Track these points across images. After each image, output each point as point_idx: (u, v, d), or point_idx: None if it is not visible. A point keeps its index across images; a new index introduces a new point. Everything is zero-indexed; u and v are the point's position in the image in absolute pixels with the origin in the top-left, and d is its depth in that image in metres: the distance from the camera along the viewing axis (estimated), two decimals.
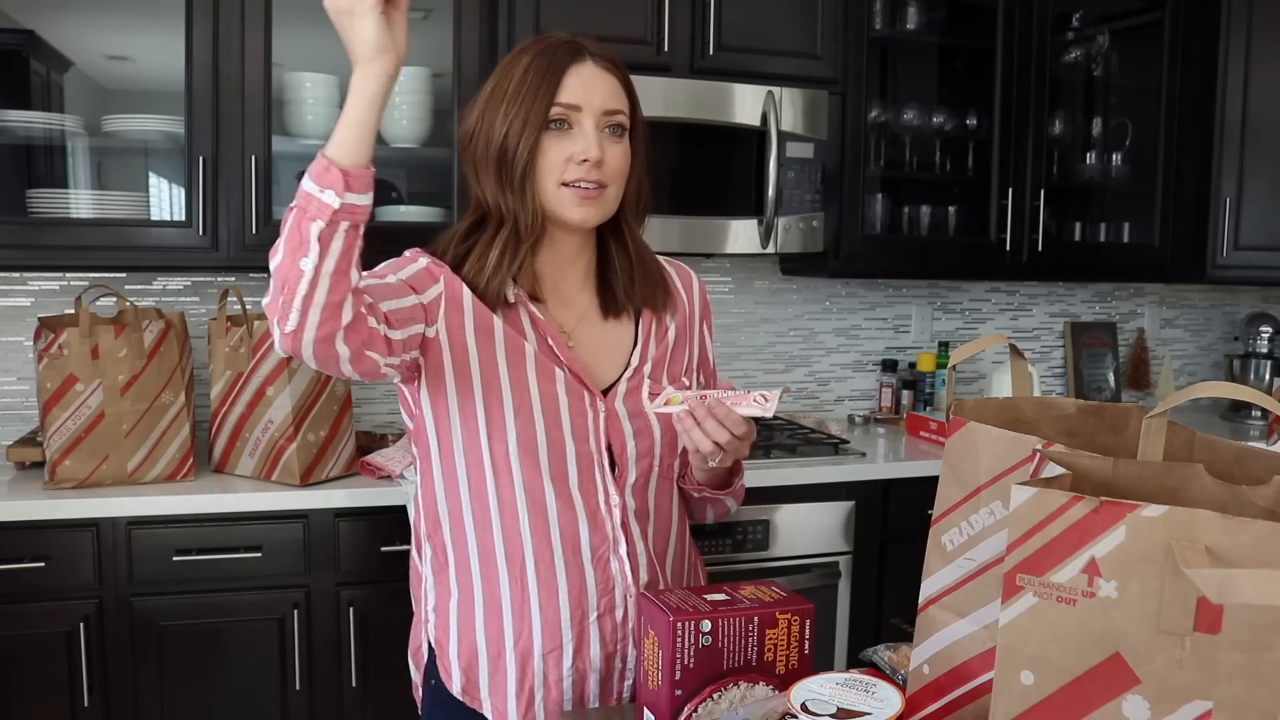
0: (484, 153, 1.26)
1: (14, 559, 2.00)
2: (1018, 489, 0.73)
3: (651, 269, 1.37)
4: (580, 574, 1.28)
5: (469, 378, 1.24)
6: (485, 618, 1.28)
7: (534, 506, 1.26)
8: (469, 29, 2.39)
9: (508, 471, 1.25)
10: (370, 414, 2.75)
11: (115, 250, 2.25)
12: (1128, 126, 3.15)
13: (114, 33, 2.46)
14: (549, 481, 1.26)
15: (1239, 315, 3.61)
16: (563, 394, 1.26)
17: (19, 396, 2.52)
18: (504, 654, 1.29)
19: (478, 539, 1.27)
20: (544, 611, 1.27)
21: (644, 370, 1.34)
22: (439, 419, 1.27)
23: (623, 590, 1.29)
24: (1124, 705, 0.70)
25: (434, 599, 1.34)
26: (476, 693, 1.30)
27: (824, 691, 0.93)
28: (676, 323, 1.39)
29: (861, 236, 2.77)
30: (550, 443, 1.25)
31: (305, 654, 2.15)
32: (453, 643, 1.31)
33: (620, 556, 1.29)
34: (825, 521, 2.47)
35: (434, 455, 1.29)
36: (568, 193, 1.24)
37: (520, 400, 1.24)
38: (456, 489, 1.27)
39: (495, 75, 1.28)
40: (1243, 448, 0.87)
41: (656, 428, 1.31)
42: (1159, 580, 0.68)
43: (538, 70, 1.24)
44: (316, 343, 1.07)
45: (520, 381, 1.25)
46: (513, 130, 1.23)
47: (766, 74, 2.58)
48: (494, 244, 1.26)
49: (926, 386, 3.11)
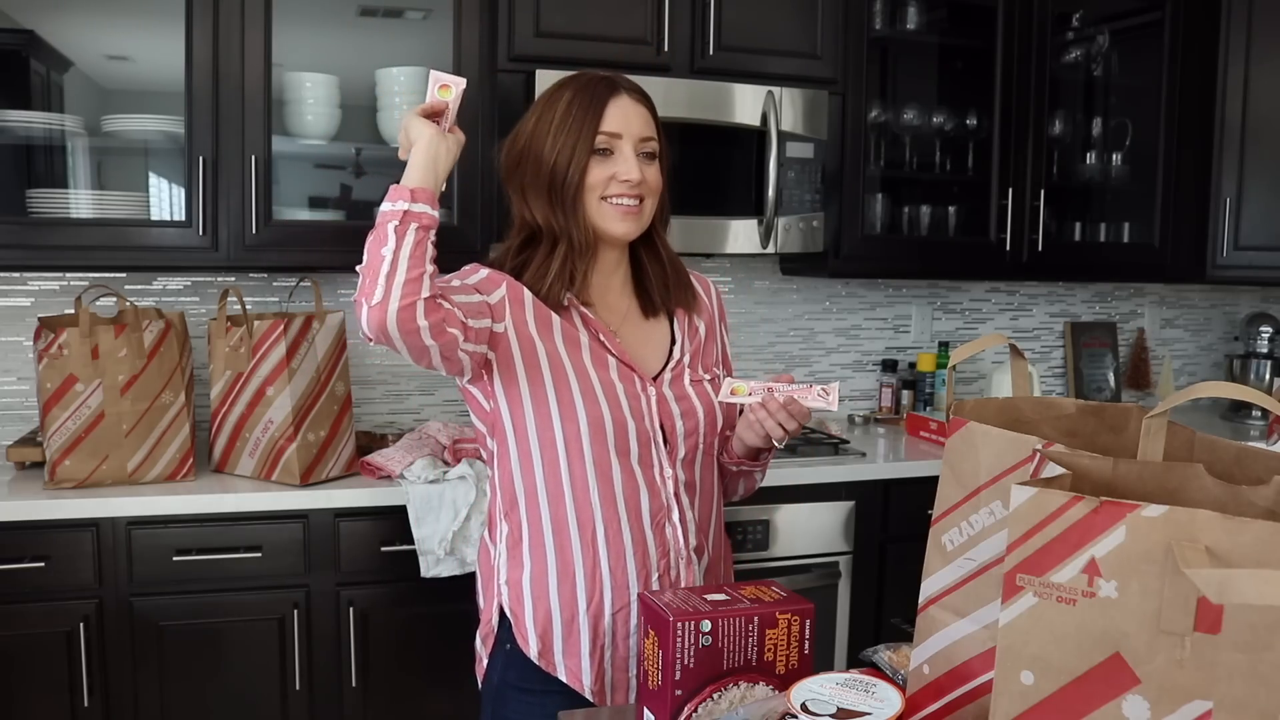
0: (533, 177, 1.42)
1: (14, 559, 2.00)
2: (1018, 489, 0.73)
3: (681, 273, 1.55)
4: (643, 537, 1.43)
5: (538, 366, 1.40)
6: (559, 585, 1.42)
7: (602, 478, 1.41)
8: (469, 29, 2.39)
9: (579, 448, 1.40)
10: (370, 414, 2.75)
11: (115, 250, 2.25)
12: (1128, 126, 3.15)
13: (114, 33, 2.46)
14: (615, 455, 1.41)
15: (1239, 315, 3.61)
16: (616, 379, 1.43)
17: (19, 396, 2.52)
18: (577, 617, 1.42)
19: (551, 512, 1.42)
20: (613, 573, 1.42)
21: (684, 361, 1.51)
22: (513, 406, 1.41)
23: (676, 552, 1.45)
24: (1124, 705, 0.70)
25: (507, 572, 1.46)
26: (551, 656, 1.43)
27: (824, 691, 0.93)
28: (705, 322, 1.57)
29: (861, 236, 2.77)
30: (615, 421, 1.40)
31: (305, 654, 2.15)
32: (528, 611, 1.43)
33: (674, 522, 1.45)
34: (825, 521, 2.47)
35: (510, 440, 1.43)
36: (610, 208, 1.41)
37: (585, 384, 1.40)
38: (531, 468, 1.42)
39: (537, 109, 1.44)
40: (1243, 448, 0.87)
41: (700, 409, 1.48)
42: (1159, 580, 0.68)
43: (581, 104, 1.40)
44: (400, 312, 1.23)
45: (581, 368, 1.41)
46: (561, 157, 1.40)
47: (766, 74, 2.58)
48: (553, 257, 1.41)
49: (926, 386, 3.11)
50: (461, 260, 1.53)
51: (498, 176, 1.52)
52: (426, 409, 2.80)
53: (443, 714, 2.26)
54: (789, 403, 1.37)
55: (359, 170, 2.63)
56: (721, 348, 1.62)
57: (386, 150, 2.52)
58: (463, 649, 2.26)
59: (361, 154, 2.59)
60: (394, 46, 2.63)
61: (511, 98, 2.37)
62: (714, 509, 1.54)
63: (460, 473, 2.16)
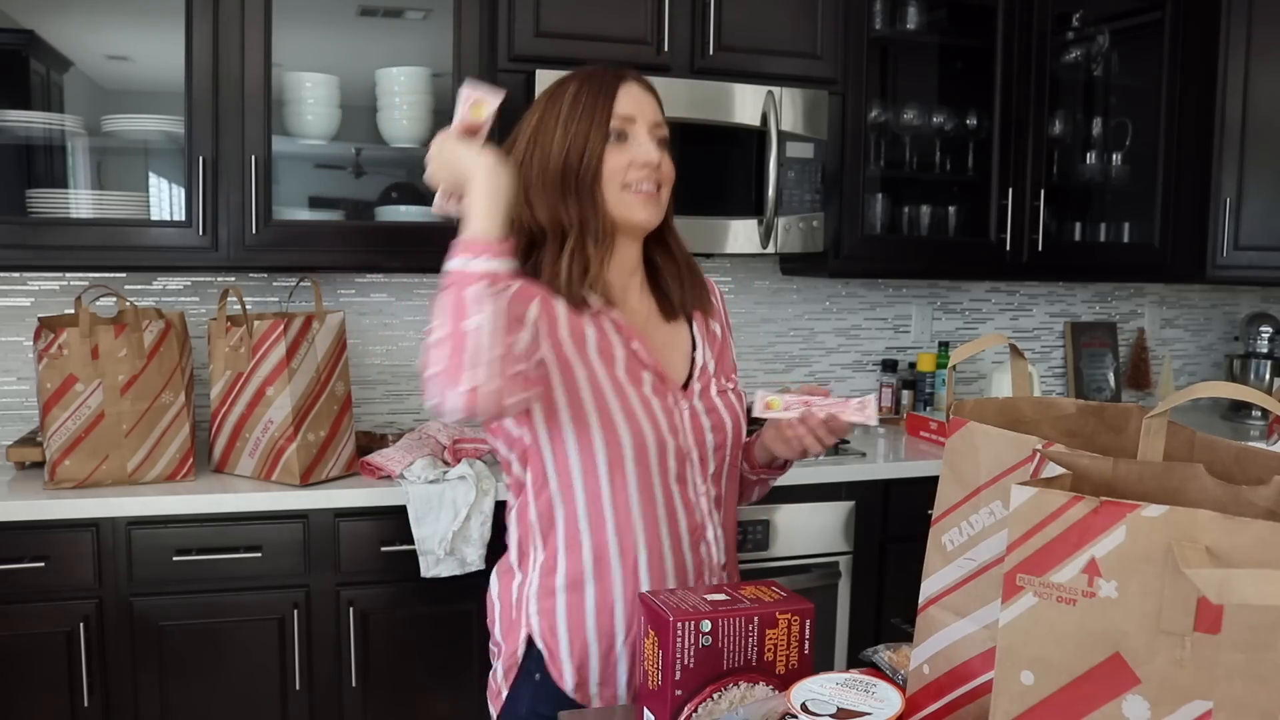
0: (540, 173, 1.34)
1: (14, 559, 2.00)
2: (1018, 489, 0.73)
3: (696, 272, 1.48)
4: (683, 558, 1.38)
5: (577, 389, 1.32)
6: (597, 616, 1.35)
7: (645, 500, 1.35)
8: (469, 29, 2.39)
9: (622, 471, 1.33)
10: (370, 414, 2.75)
11: (115, 250, 2.25)
12: (1128, 126, 3.15)
13: (114, 33, 2.46)
14: (656, 475, 1.35)
15: (1239, 315, 3.61)
16: (651, 394, 1.36)
17: (19, 396, 2.52)
18: (615, 648, 1.36)
19: (593, 539, 1.35)
20: None
21: (710, 369, 1.45)
22: (553, 432, 1.33)
23: (710, 570, 1.42)
24: (1124, 705, 0.70)
25: (538, 601, 1.37)
26: (588, 690, 1.36)
27: (824, 691, 0.93)
28: (719, 324, 1.51)
29: (861, 236, 2.77)
30: (656, 440, 1.34)
31: (305, 654, 2.15)
32: (563, 645, 1.36)
33: (708, 540, 1.41)
34: (825, 521, 2.47)
35: (549, 467, 1.34)
36: (630, 197, 1.34)
37: (624, 403, 1.33)
38: (571, 495, 1.34)
39: (540, 105, 1.38)
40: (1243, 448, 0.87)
41: (729, 422, 1.43)
42: (1159, 580, 0.68)
43: (591, 91, 1.35)
44: (488, 396, 1.12)
45: (618, 385, 1.34)
46: (574, 146, 1.33)
47: (766, 74, 2.58)
48: (563, 254, 1.34)
49: (926, 386, 3.11)
50: None
51: None
52: (426, 409, 2.80)
53: (443, 714, 2.26)
54: (830, 419, 1.32)
55: (359, 170, 2.63)
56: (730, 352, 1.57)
57: (386, 150, 2.52)
58: (463, 649, 2.27)
59: (361, 154, 2.59)
60: (394, 46, 2.63)
61: (511, 98, 2.37)
62: (733, 520, 1.50)
63: (460, 473, 2.16)
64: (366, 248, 2.40)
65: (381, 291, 2.75)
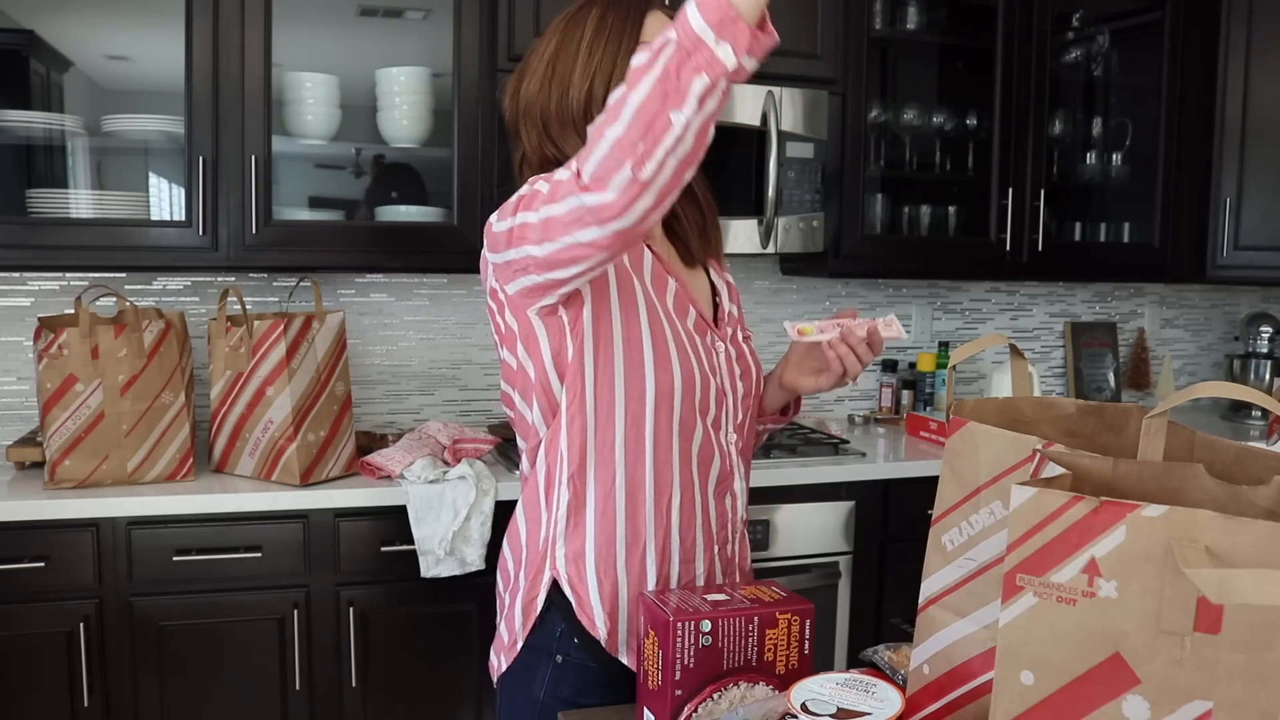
0: (561, 105, 1.26)
1: (14, 559, 2.00)
2: (1018, 489, 0.73)
3: (717, 220, 1.41)
4: (708, 506, 1.33)
5: (635, 306, 1.25)
6: (628, 556, 1.28)
7: (685, 438, 1.29)
8: (469, 29, 2.39)
9: (669, 403, 1.26)
10: (370, 414, 2.75)
11: (115, 250, 2.25)
12: (1128, 126, 3.15)
13: (114, 33, 2.46)
14: (699, 416, 1.30)
15: (1239, 315, 3.61)
16: (694, 331, 1.31)
17: (19, 396, 2.52)
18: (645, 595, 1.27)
19: (627, 474, 1.27)
20: (683, 543, 1.31)
21: (733, 314, 1.41)
22: (600, 346, 1.24)
23: (733, 525, 1.37)
24: (1124, 705, 0.70)
25: (565, 543, 1.28)
26: (617, 639, 1.28)
27: (824, 691, 0.93)
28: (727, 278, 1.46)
29: (861, 236, 2.77)
30: (702, 379, 1.29)
31: (305, 654, 2.15)
32: (592, 587, 1.27)
33: (734, 492, 1.37)
34: (825, 521, 2.47)
35: (589, 389, 1.25)
36: None
37: (676, 334, 1.27)
38: (611, 422, 1.26)
39: (558, 32, 1.28)
40: (1243, 448, 0.87)
41: (754, 369, 1.39)
42: (1159, 580, 0.68)
43: (617, 15, 1.25)
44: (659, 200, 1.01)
45: (670, 315, 1.28)
46: (599, 74, 1.23)
47: (766, 74, 2.56)
48: None
49: (926, 386, 3.11)
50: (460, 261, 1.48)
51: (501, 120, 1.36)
52: (426, 409, 2.80)
53: (442, 714, 2.26)
54: (871, 334, 1.29)
55: (359, 170, 2.63)
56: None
57: (386, 150, 2.52)
58: (463, 649, 2.27)
59: (361, 154, 2.59)
60: (394, 46, 2.63)
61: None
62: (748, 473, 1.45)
63: (460, 473, 2.16)
64: (366, 248, 2.40)
65: (381, 291, 2.75)
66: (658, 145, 0.96)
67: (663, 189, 1.00)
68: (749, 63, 0.95)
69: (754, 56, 0.95)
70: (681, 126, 0.96)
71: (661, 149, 0.97)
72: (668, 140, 0.96)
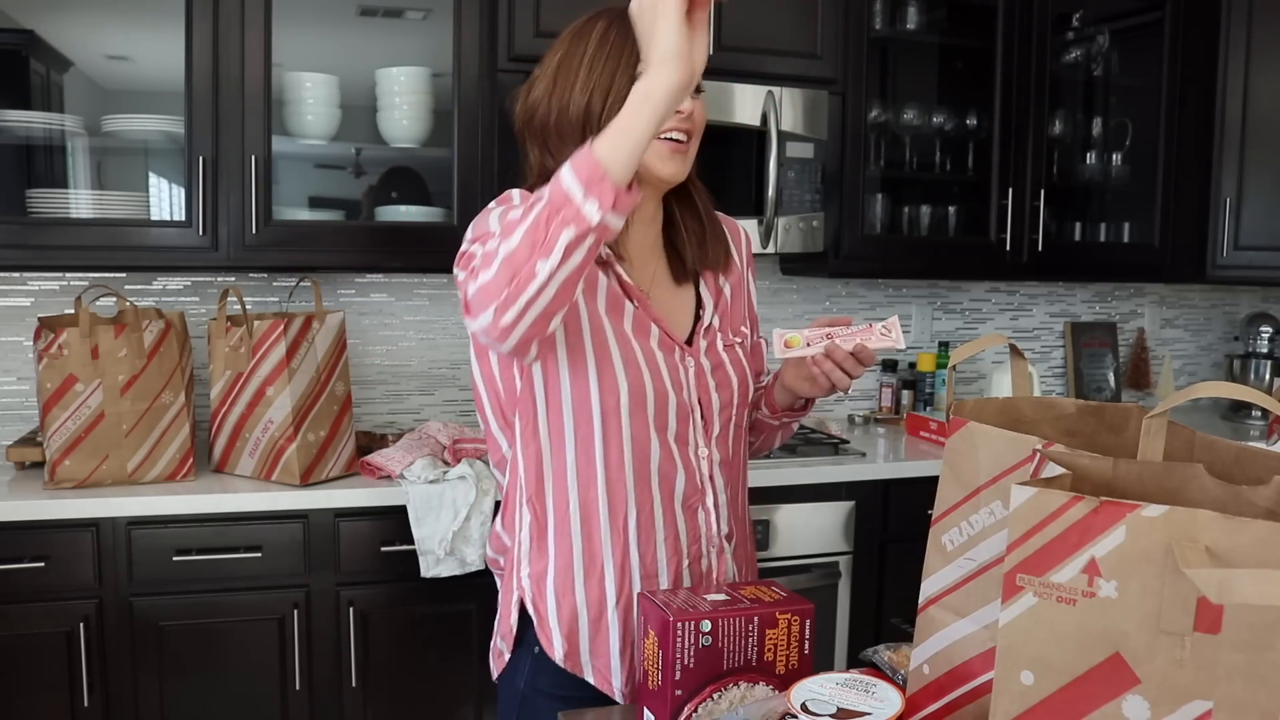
0: (560, 119, 1.26)
1: (14, 559, 2.00)
2: (1018, 489, 0.73)
3: (718, 229, 1.41)
4: (675, 522, 1.32)
5: (580, 330, 1.26)
6: (585, 578, 1.30)
7: (639, 456, 1.29)
8: (469, 29, 2.39)
9: (617, 422, 1.28)
10: (370, 414, 2.75)
11: (115, 250, 2.25)
12: (1128, 126, 3.15)
13: (114, 33, 2.46)
14: (654, 431, 1.30)
15: (1239, 315, 3.61)
16: (657, 349, 1.31)
17: (19, 396, 2.52)
18: (605, 614, 1.31)
19: (580, 495, 1.30)
20: (643, 560, 1.31)
21: (715, 325, 1.39)
22: (548, 375, 1.28)
23: (708, 539, 1.35)
24: (1124, 705, 0.70)
25: (529, 565, 1.33)
26: (578, 657, 1.32)
27: (824, 691, 0.93)
28: (731, 281, 1.44)
29: (861, 236, 2.77)
30: (656, 392, 1.29)
31: (305, 654, 2.15)
32: (551, 609, 1.31)
33: (707, 507, 1.35)
34: (825, 521, 2.47)
35: (540, 414, 1.29)
36: (657, 145, 1.25)
37: (626, 352, 1.28)
38: (562, 446, 1.30)
39: (564, 44, 1.29)
40: (1243, 448, 0.87)
41: (734, 379, 1.37)
42: (1159, 580, 0.68)
43: (620, 30, 1.24)
44: (522, 339, 1.09)
45: (623, 335, 1.28)
46: (598, 89, 1.24)
47: (766, 74, 2.58)
48: None
49: (926, 386, 3.11)
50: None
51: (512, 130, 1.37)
52: (426, 409, 2.80)
53: (442, 714, 2.26)
54: (858, 350, 1.27)
55: (359, 170, 2.63)
56: (748, 301, 1.50)
57: (387, 150, 2.52)
58: (463, 649, 2.27)
59: (361, 154, 2.59)
60: (394, 46, 2.63)
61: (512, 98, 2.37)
62: (741, 488, 1.44)
63: (460, 473, 2.16)
64: (366, 248, 2.40)
65: (381, 291, 2.74)
66: (521, 293, 1.04)
67: (525, 333, 1.08)
68: (614, 220, 1.03)
69: (619, 214, 1.03)
70: (546, 276, 1.03)
71: (524, 297, 1.04)
72: (531, 289, 1.04)
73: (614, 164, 1.02)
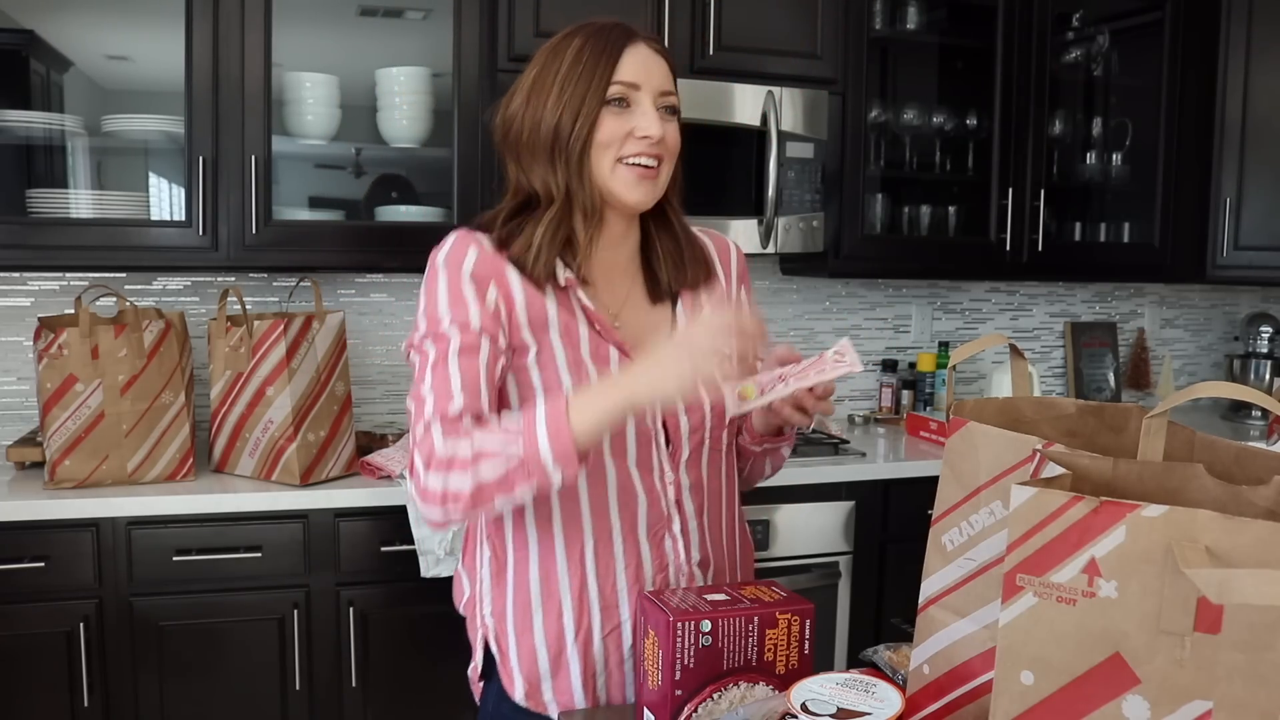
0: (532, 137, 1.25)
1: (14, 559, 2.00)
2: (1018, 489, 0.73)
3: (697, 250, 1.37)
4: (637, 551, 1.29)
5: (526, 368, 1.26)
6: (544, 616, 1.29)
7: (594, 484, 1.26)
8: (469, 29, 2.39)
9: None
10: (370, 414, 2.75)
11: (115, 250, 2.25)
12: (1128, 126, 3.15)
13: (114, 33, 2.46)
14: (609, 458, 1.26)
15: (1239, 315, 3.61)
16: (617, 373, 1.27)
17: (19, 396, 2.52)
18: (565, 650, 1.29)
19: (538, 529, 1.28)
20: (602, 591, 1.28)
21: None
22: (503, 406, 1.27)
23: (676, 568, 1.31)
24: (1124, 705, 0.70)
25: (491, 603, 1.33)
26: (540, 696, 1.30)
27: (824, 691, 0.93)
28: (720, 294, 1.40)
29: (861, 236, 2.77)
30: None
31: (305, 654, 2.15)
32: (512, 649, 1.31)
33: (674, 534, 1.30)
34: (825, 521, 2.47)
35: None
36: (625, 170, 1.24)
37: (578, 379, 1.25)
38: None
39: (540, 60, 1.27)
40: (1243, 448, 0.87)
41: (707, 400, 1.30)
42: (1159, 580, 0.68)
43: (594, 49, 1.24)
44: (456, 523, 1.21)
45: (577, 362, 1.26)
46: (568, 109, 1.22)
47: (766, 74, 2.58)
48: (549, 226, 1.25)
49: (926, 386, 3.11)
50: None
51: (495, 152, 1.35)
52: None
53: (442, 714, 2.25)
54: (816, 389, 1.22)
55: (359, 170, 2.63)
56: None
57: (386, 150, 2.52)
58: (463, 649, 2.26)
59: (361, 154, 2.59)
60: (394, 46, 2.63)
61: None
62: (725, 513, 1.38)
63: None
64: (366, 248, 2.40)
65: (381, 291, 2.75)
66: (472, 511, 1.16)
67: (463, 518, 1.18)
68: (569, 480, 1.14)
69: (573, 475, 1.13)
70: (497, 508, 1.16)
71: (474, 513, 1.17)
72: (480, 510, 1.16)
73: (585, 437, 1.12)
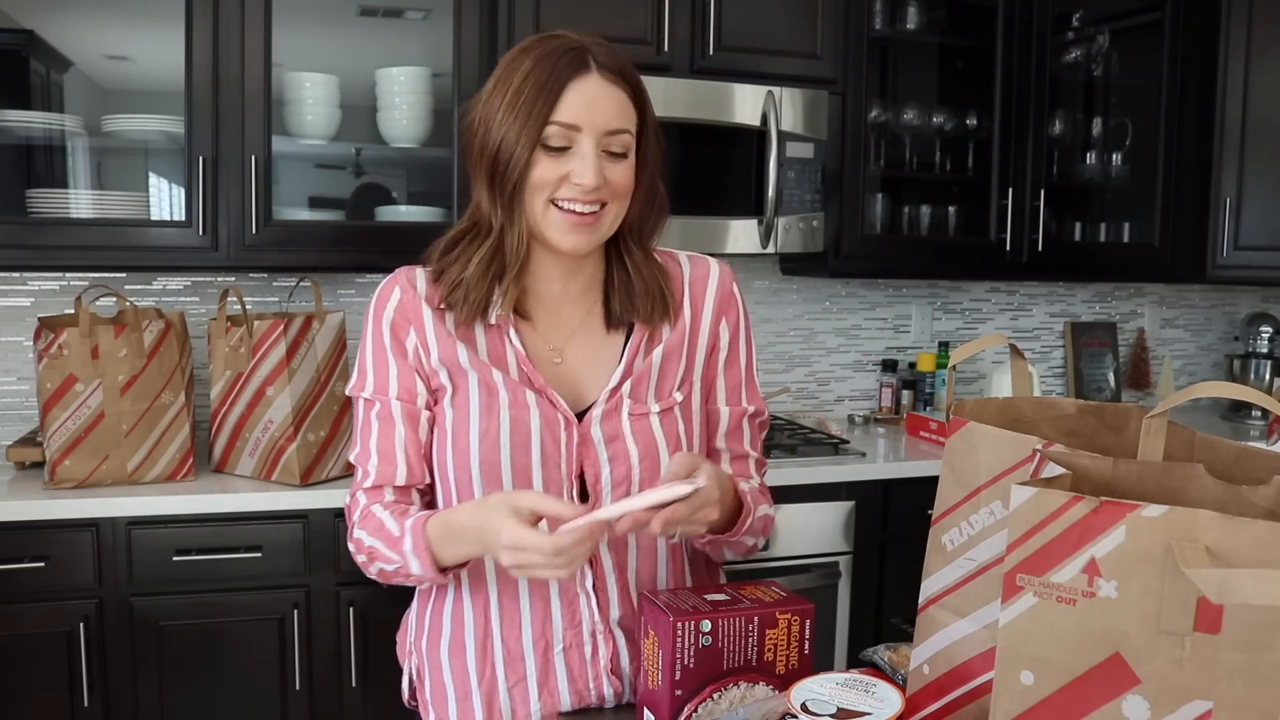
0: (479, 155, 1.19)
1: (14, 559, 2.00)
2: (1018, 489, 0.73)
3: (649, 284, 1.26)
4: (545, 605, 1.24)
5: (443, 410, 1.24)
6: (450, 654, 1.28)
7: None
8: (469, 29, 2.39)
9: (470, 497, 1.22)
10: None
11: (115, 250, 2.25)
12: (1128, 126, 3.15)
13: (114, 33, 2.46)
14: None
15: (1239, 315, 3.61)
16: (535, 419, 1.21)
17: (19, 396, 2.52)
18: (470, 694, 1.27)
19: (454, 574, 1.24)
20: (506, 643, 1.25)
21: (623, 390, 1.24)
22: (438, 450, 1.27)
23: (590, 626, 1.24)
24: (1124, 705, 0.70)
25: (414, 631, 1.37)
26: None
27: (824, 691, 0.93)
28: (673, 336, 1.28)
29: (861, 236, 2.77)
30: (515, 469, 1.21)
31: (305, 654, 2.15)
32: (428, 682, 1.33)
33: (587, 590, 1.24)
34: (825, 521, 2.47)
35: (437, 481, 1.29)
36: (557, 216, 1.16)
37: (487, 425, 1.21)
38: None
39: (498, 72, 1.20)
40: (1243, 448, 0.87)
41: (635, 451, 1.23)
42: (1159, 580, 0.68)
43: (537, 80, 1.14)
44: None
45: (490, 407, 1.21)
46: (507, 140, 1.15)
47: (766, 74, 2.58)
48: (479, 254, 1.20)
49: (926, 386, 3.11)
50: None
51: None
52: None
53: None
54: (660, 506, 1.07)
55: (359, 170, 2.63)
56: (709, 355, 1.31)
57: (386, 150, 2.52)
58: None
59: (361, 154, 2.59)
60: (394, 46, 2.63)
61: None
62: (659, 568, 1.28)
63: None
64: (366, 248, 2.40)
65: None
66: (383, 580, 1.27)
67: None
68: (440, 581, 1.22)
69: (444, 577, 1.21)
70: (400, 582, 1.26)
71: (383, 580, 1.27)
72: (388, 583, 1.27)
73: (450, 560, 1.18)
